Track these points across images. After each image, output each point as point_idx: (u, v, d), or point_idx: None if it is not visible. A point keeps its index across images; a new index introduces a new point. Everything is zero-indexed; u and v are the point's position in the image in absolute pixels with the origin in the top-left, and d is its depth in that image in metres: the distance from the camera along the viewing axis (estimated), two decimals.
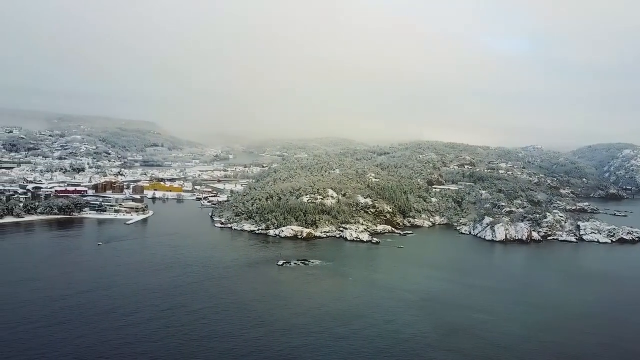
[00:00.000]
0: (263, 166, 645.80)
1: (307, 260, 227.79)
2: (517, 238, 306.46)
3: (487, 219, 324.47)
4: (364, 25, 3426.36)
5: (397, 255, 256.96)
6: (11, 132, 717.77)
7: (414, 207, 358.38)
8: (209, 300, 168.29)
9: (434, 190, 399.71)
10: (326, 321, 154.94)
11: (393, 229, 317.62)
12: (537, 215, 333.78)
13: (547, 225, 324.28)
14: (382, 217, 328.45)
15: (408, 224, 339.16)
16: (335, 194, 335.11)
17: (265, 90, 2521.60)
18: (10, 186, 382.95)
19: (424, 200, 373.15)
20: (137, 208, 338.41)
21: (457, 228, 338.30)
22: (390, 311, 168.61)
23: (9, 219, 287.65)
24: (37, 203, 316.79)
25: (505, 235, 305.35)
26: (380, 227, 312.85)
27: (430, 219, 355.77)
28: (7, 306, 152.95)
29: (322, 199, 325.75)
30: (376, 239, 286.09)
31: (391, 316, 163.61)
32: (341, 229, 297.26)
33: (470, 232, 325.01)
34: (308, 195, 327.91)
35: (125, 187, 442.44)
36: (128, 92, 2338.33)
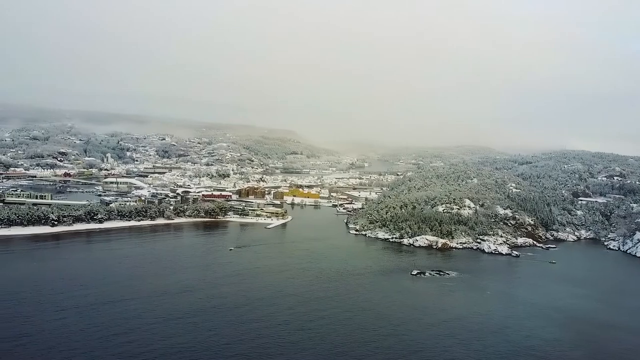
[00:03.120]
0: (398, 174, 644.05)
1: (442, 272, 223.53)
2: None
3: (639, 235, 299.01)
4: (513, 33, 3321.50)
5: (538, 270, 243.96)
6: (164, 139, 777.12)
7: (557, 220, 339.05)
8: (342, 306, 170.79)
9: (579, 202, 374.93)
10: (460, 334, 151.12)
11: (535, 242, 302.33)
12: None
13: None
14: (522, 229, 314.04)
15: (551, 238, 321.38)
16: (472, 204, 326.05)
17: (401, 99, 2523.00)
18: (162, 190, 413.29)
19: (569, 213, 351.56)
20: (277, 213, 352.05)
21: (605, 243, 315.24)
22: (528, 328, 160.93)
23: (160, 221, 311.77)
24: (185, 206, 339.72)
25: None
26: (520, 240, 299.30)
27: (575, 233, 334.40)
28: (161, 297, 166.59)
29: (458, 209, 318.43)
30: (516, 252, 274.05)
31: (528, 333, 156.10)
32: (478, 240, 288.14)
33: (619, 248, 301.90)
34: (444, 205, 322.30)
35: (266, 192, 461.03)
36: (272, 102, 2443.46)
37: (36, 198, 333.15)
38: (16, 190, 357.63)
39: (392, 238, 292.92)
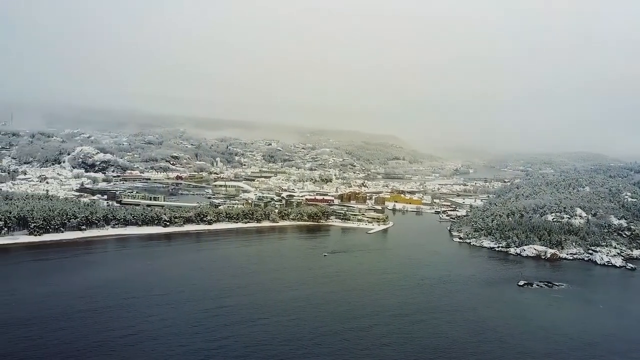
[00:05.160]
0: (505, 181, 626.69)
1: (551, 283, 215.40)
2: None
3: None
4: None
5: None
6: (270, 144, 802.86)
7: None
8: (444, 311, 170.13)
9: None
10: (563, 347, 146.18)
11: None
12: None
13: None
14: (638, 241, 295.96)
15: None
16: (584, 214, 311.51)
17: (507, 103, 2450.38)
18: (268, 193, 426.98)
19: None
20: (378, 218, 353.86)
21: None
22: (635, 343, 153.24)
23: (265, 223, 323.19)
24: (289, 210, 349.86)
25: None
26: (636, 252, 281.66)
27: None
28: (263, 295, 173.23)
29: (569, 218, 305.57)
30: (632, 265, 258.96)
31: (633, 348, 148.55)
32: (590, 251, 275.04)
33: None
34: (553, 214, 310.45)
35: (368, 198, 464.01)
36: (374, 108, 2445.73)
37: (150, 200, 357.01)
38: (132, 192, 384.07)
39: (498, 247, 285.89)
